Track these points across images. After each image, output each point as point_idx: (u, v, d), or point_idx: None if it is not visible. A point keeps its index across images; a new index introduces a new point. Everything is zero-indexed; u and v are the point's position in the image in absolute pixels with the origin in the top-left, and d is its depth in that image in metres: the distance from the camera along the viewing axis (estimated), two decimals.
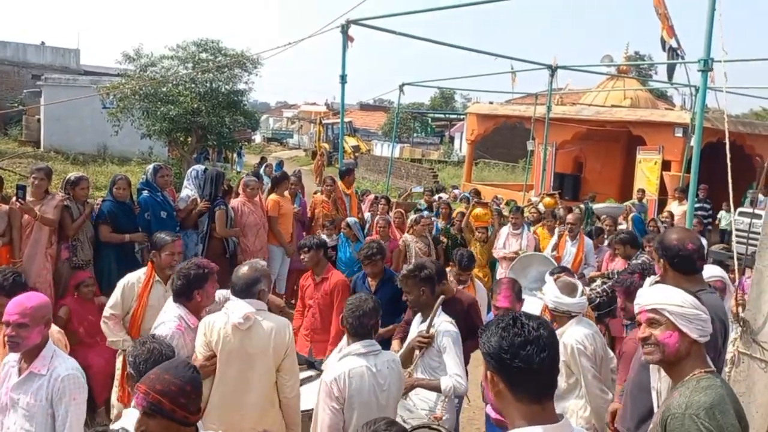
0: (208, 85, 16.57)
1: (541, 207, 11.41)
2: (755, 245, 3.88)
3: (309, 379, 4.22)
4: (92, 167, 20.20)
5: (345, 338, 3.46)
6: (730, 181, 4.24)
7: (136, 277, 4.47)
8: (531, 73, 19.25)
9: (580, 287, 3.85)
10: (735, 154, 4.67)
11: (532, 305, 4.77)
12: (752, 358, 3.16)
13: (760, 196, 13.14)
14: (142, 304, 4.34)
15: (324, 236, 7.71)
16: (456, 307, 4.28)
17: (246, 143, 31.86)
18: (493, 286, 3.57)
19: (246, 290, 3.46)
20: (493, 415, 3.09)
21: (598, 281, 6.70)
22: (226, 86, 16.96)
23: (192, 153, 17.47)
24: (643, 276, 5.76)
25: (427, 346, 3.86)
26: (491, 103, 23.45)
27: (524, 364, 1.74)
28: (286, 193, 8.04)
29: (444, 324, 3.86)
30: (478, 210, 8.60)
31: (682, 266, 3.22)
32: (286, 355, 3.43)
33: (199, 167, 7.43)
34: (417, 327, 4.04)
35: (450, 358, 3.76)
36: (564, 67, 15.05)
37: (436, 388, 3.72)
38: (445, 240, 8.52)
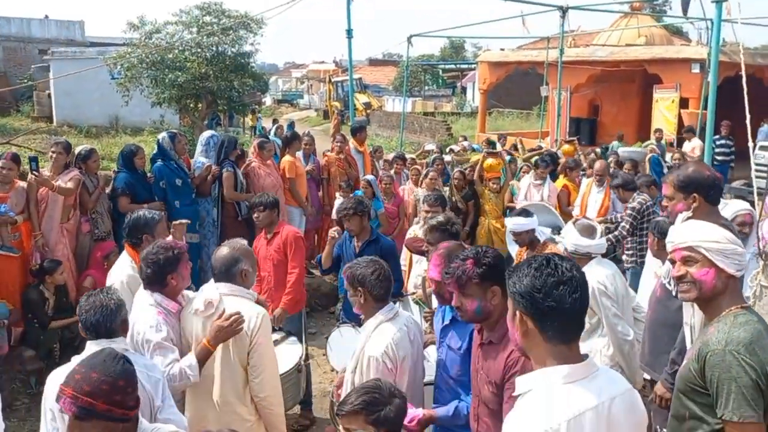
0: (214, 48, 16.46)
1: (559, 155, 11.27)
2: None
3: (275, 343, 3.98)
4: (105, 139, 20.32)
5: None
6: (748, 115, 4.14)
7: (129, 267, 3.99)
8: (542, 16, 18.81)
9: (599, 229, 3.82)
10: (753, 88, 4.55)
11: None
12: None
13: None
14: None
15: (340, 197, 7.68)
16: None
17: (257, 106, 31.73)
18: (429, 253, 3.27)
19: (225, 273, 3.27)
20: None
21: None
22: (232, 49, 16.82)
23: (203, 119, 17.45)
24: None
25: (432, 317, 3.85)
26: (502, 50, 22.99)
27: (557, 303, 1.77)
28: (299, 153, 8.01)
29: None
30: (490, 161, 8.51)
31: (717, 197, 3.27)
32: (251, 348, 3.15)
33: (212, 133, 7.44)
34: None
35: None
36: (575, 8, 14.70)
37: None
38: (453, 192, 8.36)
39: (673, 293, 3.11)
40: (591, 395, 1.76)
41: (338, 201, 7.70)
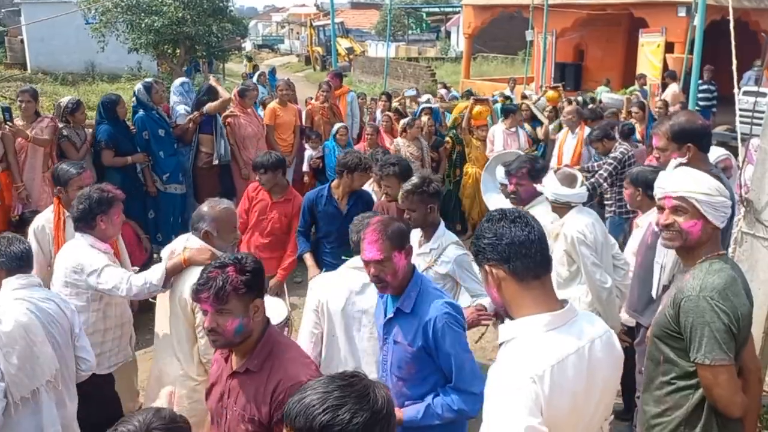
0: None
1: (543, 101, 11.11)
2: (760, 124, 3.83)
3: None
4: (82, 87, 19.83)
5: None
6: (734, 59, 4.11)
7: (44, 218, 4.12)
8: None
9: (580, 178, 3.82)
10: (739, 32, 4.49)
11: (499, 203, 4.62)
12: (755, 237, 3.19)
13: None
14: (60, 246, 3.84)
15: (309, 148, 7.56)
16: None
17: (236, 51, 31.01)
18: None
19: (192, 227, 3.30)
20: None
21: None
22: None
23: (182, 65, 17.08)
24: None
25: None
26: None
27: (511, 239, 1.83)
28: (290, 102, 7.82)
29: (451, 248, 3.53)
30: (478, 108, 8.40)
31: (708, 145, 3.30)
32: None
33: (183, 80, 7.33)
34: (417, 248, 3.58)
35: (471, 280, 3.48)
36: None
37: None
38: (450, 143, 8.24)
39: None
40: (572, 340, 1.81)
41: (308, 152, 7.59)
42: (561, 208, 3.79)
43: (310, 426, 1.46)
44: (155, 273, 3.20)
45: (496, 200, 4.93)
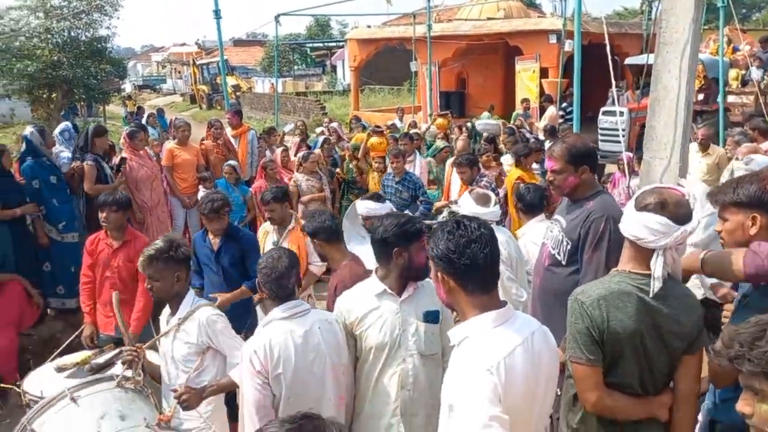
0: (66, 34, 15.31)
1: (433, 129, 11.41)
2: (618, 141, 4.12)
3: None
4: None
5: None
6: (613, 81, 4.46)
7: None
8: None
9: (494, 197, 3.98)
10: (604, 55, 4.82)
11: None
12: None
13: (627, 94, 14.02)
14: None
15: (203, 190, 7.28)
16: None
17: (116, 93, 29.76)
18: None
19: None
20: None
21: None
22: (87, 34, 15.73)
23: (60, 110, 16.20)
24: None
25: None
26: (369, 27, 23.14)
27: (471, 261, 1.95)
28: (192, 141, 7.60)
29: (202, 310, 3.21)
30: (374, 139, 8.53)
31: (596, 166, 3.43)
32: None
33: (66, 124, 7.00)
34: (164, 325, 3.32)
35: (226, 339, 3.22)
36: None
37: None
38: (340, 175, 8.25)
39: (562, 261, 3.16)
40: (517, 333, 1.99)
41: (201, 193, 7.38)
42: None
43: None
44: None
45: (358, 251, 4.26)
